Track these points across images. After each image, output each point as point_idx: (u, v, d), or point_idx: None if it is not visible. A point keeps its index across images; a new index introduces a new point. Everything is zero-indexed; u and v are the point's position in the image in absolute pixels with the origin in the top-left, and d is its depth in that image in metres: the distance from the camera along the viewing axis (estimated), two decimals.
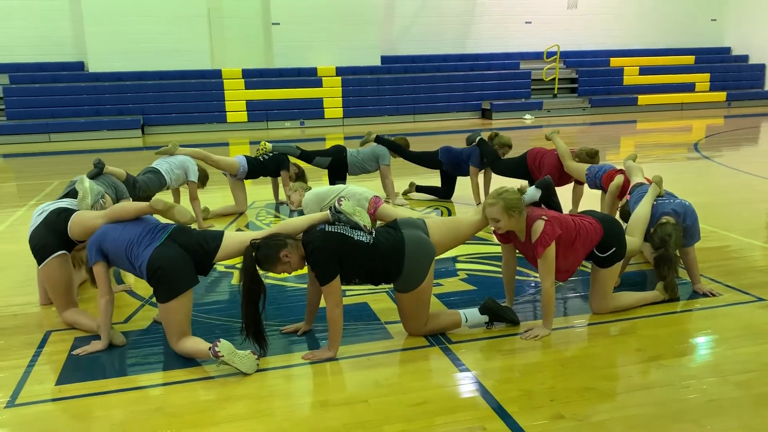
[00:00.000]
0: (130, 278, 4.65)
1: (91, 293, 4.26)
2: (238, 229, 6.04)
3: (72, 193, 4.21)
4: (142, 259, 3.33)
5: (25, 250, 3.92)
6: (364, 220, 3.42)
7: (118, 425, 2.77)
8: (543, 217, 3.56)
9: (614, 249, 3.74)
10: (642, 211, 4.20)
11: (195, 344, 3.31)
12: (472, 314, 3.67)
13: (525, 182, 4.52)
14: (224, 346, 3.15)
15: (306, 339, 3.61)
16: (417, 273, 3.42)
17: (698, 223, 4.20)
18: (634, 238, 4.08)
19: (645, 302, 3.98)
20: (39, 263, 3.85)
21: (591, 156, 5.79)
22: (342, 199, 3.54)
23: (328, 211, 3.52)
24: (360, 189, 5.09)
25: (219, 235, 3.49)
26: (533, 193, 3.76)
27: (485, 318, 3.68)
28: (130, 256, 3.38)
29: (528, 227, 3.59)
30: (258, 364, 3.24)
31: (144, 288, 4.43)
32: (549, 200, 3.94)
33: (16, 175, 10.39)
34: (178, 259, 3.33)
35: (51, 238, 3.80)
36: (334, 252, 3.27)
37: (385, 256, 3.38)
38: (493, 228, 3.70)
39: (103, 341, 3.51)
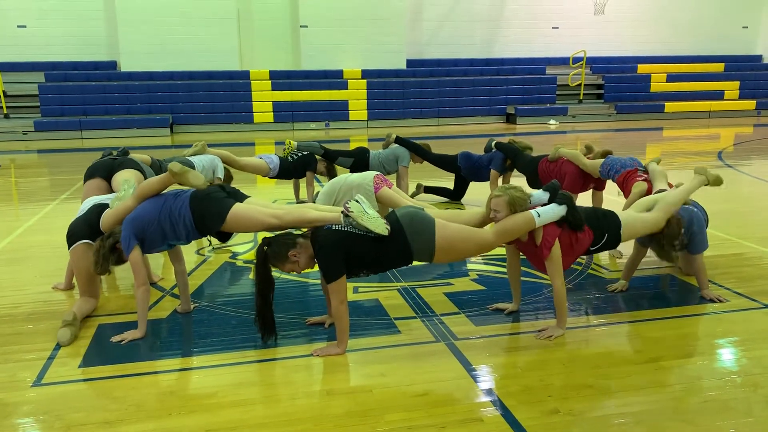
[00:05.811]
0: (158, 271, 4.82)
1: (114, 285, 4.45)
2: None
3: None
4: (182, 202, 3.63)
5: (55, 241, 4.14)
6: (373, 224, 3.34)
7: (134, 405, 2.94)
8: None
9: (606, 238, 3.83)
10: (678, 195, 4.20)
11: (312, 212, 3.52)
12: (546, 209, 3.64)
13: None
14: (354, 205, 3.34)
15: (321, 332, 3.75)
16: (426, 241, 3.41)
17: (705, 231, 4.23)
18: (658, 215, 4.00)
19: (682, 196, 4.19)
20: (69, 248, 4.08)
21: (589, 151, 5.94)
22: (348, 203, 3.40)
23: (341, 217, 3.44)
24: (359, 177, 5.04)
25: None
26: (541, 195, 3.81)
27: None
28: (172, 210, 3.61)
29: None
30: (388, 230, 3.36)
31: (167, 280, 4.64)
32: (573, 217, 3.67)
33: (49, 170, 10.73)
34: (213, 191, 3.67)
35: (81, 228, 4.07)
36: (340, 250, 3.32)
37: (391, 240, 3.38)
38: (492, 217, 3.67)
39: (140, 329, 3.67)
